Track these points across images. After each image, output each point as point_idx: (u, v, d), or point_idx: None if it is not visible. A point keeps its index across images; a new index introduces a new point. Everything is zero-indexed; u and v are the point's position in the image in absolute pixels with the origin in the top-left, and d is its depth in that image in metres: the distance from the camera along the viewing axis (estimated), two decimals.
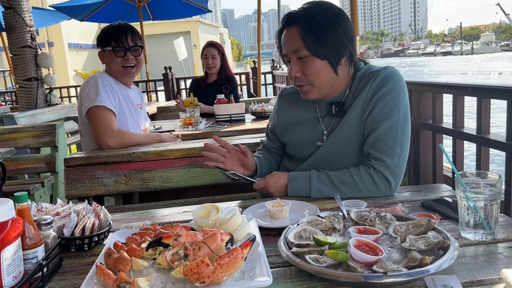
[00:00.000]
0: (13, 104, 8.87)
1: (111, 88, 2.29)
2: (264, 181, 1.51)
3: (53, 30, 20.35)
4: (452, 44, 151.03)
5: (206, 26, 35.93)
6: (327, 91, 1.52)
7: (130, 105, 2.39)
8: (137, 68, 2.38)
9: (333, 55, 1.45)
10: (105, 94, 2.22)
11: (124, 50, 2.31)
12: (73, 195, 1.99)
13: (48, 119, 4.54)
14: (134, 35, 2.34)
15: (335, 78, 1.50)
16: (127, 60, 2.32)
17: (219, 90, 3.90)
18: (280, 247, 0.98)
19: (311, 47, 1.43)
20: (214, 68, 3.99)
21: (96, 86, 2.23)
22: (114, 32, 2.31)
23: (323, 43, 1.43)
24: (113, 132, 2.19)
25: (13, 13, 4.80)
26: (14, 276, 0.89)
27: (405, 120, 1.46)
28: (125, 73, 2.35)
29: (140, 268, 0.91)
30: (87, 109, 2.20)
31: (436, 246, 0.92)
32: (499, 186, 1.04)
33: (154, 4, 8.06)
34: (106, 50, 2.33)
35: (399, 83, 1.47)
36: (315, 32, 1.42)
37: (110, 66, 2.36)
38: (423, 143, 2.34)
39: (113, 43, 2.30)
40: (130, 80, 2.46)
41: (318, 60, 1.45)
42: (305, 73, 1.47)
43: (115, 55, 2.31)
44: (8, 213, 0.88)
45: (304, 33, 1.42)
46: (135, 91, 2.55)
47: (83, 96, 2.26)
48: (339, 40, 1.45)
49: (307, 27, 1.42)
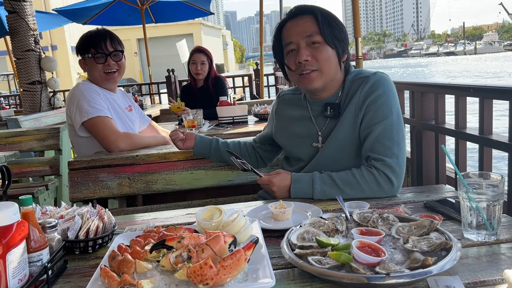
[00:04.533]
0: (17, 107, 8.90)
1: (97, 94, 2.27)
2: (268, 178, 1.53)
3: (57, 34, 20.44)
4: (455, 44, 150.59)
5: (209, 28, 36.02)
6: (328, 83, 1.56)
7: (118, 109, 2.38)
8: (119, 73, 2.36)
9: (340, 48, 1.53)
10: (95, 103, 2.20)
11: (105, 56, 2.29)
12: (77, 198, 1.99)
13: (52, 122, 4.55)
14: (113, 40, 2.31)
15: (337, 71, 1.56)
16: (108, 66, 2.30)
17: (207, 95, 3.92)
18: (283, 248, 0.98)
19: (327, 34, 1.50)
20: (201, 75, 3.98)
21: (83, 97, 2.21)
22: (92, 39, 2.29)
23: (335, 34, 1.52)
24: (120, 135, 2.19)
25: (16, 17, 4.82)
26: (20, 278, 0.90)
27: (399, 121, 1.50)
28: (108, 78, 2.33)
29: (144, 270, 0.91)
30: (81, 123, 2.19)
31: (438, 247, 0.93)
32: (501, 186, 1.04)
33: (156, 7, 8.09)
34: (87, 57, 2.31)
35: (389, 88, 1.51)
36: (330, 23, 1.52)
37: (92, 74, 2.33)
38: (425, 144, 2.33)
39: (92, 50, 2.28)
40: (114, 85, 2.44)
41: (330, 48, 1.51)
42: (316, 58, 1.51)
43: (96, 62, 2.29)
44: (13, 216, 0.89)
45: (320, 21, 1.50)
46: (120, 94, 2.53)
47: (72, 110, 2.23)
48: (344, 38, 1.54)
49: (323, 17, 1.51)
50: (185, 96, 4.10)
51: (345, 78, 1.59)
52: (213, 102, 3.74)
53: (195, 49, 4.07)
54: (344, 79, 1.59)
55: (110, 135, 2.17)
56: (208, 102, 3.81)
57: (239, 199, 2.06)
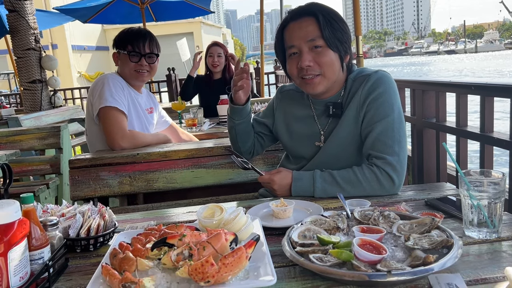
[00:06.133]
0: (18, 106, 8.91)
1: (122, 89, 2.29)
2: (269, 177, 1.53)
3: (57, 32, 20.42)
4: (455, 42, 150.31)
5: (209, 27, 35.97)
6: (330, 85, 1.55)
7: (139, 109, 2.39)
8: (149, 74, 2.38)
9: (342, 50, 1.52)
10: (117, 95, 2.22)
11: (139, 56, 2.31)
12: (78, 196, 2.00)
13: (53, 121, 4.56)
14: (152, 42, 2.34)
15: (339, 74, 1.55)
16: (140, 66, 2.32)
17: (223, 89, 3.90)
18: (284, 246, 0.98)
19: (328, 37, 1.48)
20: (219, 67, 4.00)
21: (108, 86, 2.23)
22: (132, 36, 2.31)
23: (337, 36, 1.50)
24: (125, 134, 2.20)
25: (17, 16, 4.82)
26: (21, 276, 0.90)
27: (400, 120, 1.49)
28: (137, 76, 2.35)
29: (145, 268, 0.91)
30: (99, 109, 2.20)
31: (440, 244, 0.93)
32: (502, 184, 1.04)
33: (157, 5, 8.08)
34: (122, 52, 2.33)
35: (390, 86, 1.51)
36: (332, 25, 1.49)
37: (123, 69, 2.35)
38: (426, 142, 2.33)
39: (129, 47, 2.30)
40: (141, 84, 2.45)
41: (332, 51, 1.50)
42: (319, 63, 1.50)
43: (130, 59, 2.31)
44: (14, 214, 0.89)
45: (322, 24, 1.48)
46: (145, 95, 2.53)
47: (94, 95, 2.25)
48: (347, 39, 1.53)
49: (324, 19, 1.48)
50: (201, 87, 4.09)
51: (347, 77, 1.59)
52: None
53: (212, 43, 4.12)
54: (346, 78, 1.59)
55: (117, 131, 2.18)
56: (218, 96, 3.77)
57: (240, 197, 2.06)
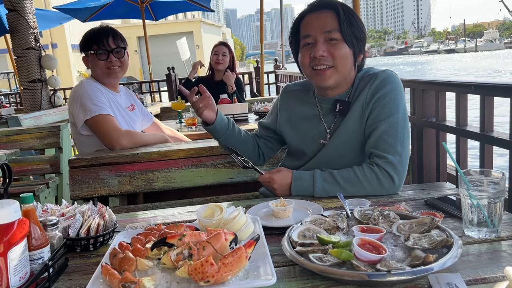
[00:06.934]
0: (18, 105, 8.90)
1: (101, 92, 2.27)
2: (269, 176, 1.53)
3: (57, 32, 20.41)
4: (455, 41, 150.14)
5: (209, 26, 35.94)
6: (341, 80, 1.55)
7: (120, 109, 2.38)
8: (121, 69, 2.35)
9: (358, 48, 1.52)
10: (98, 101, 2.20)
11: (107, 53, 2.29)
12: (78, 196, 2.00)
13: (53, 120, 4.55)
14: (115, 37, 2.32)
15: (351, 71, 1.56)
16: (110, 63, 2.30)
17: (223, 90, 3.90)
18: (284, 246, 0.98)
19: (346, 32, 1.49)
20: (222, 65, 3.99)
21: (87, 95, 2.21)
22: (95, 35, 2.30)
23: (355, 33, 1.51)
24: (122, 132, 2.19)
25: (17, 15, 4.81)
26: (21, 276, 0.90)
27: (404, 120, 1.49)
28: (110, 73, 2.32)
29: (145, 268, 0.91)
30: (85, 120, 2.19)
31: (439, 244, 0.93)
32: (502, 184, 1.04)
33: (156, 4, 8.08)
34: (89, 54, 2.31)
35: (397, 85, 1.51)
36: (351, 21, 1.51)
37: (95, 70, 2.33)
38: (426, 141, 2.33)
39: (95, 47, 2.28)
40: (116, 82, 2.43)
41: (347, 46, 1.50)
42: (333, 55, 1.50)
43: (98, 59, 2.29)
44: (14, 214, 0.89)
45: (342, 18, 1.49)
46: (123, 93, 2.52)
47: (75, 108, 2.23)
48: (363, 38, 1.54)
49: (344, 14, 1.50)
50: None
51: (355, 75, 1.59)
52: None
53: (219, 42, 4.14)
54: (355, 77, 1.59)
55: (112, 132, 2.17)
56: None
57: (240, 196, 2.06)
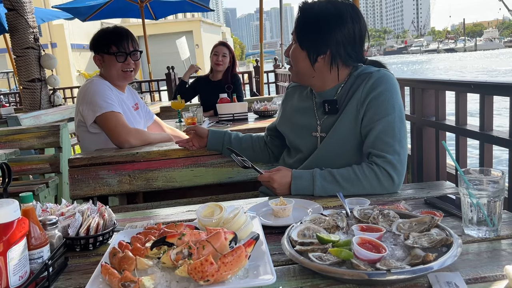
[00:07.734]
0: (17, 105, 8.90)
1: (111, 90, 2.29)
2: (269, 175, 1.53)
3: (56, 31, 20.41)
4: (455, 40, 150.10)
5: (208, 26, 35.93)
6: (308, 80, 1.62)
7: (125, 108, 2.39)
8: (135, 72, 2.39)
9: (312, 50, 1.54)
10: (108, 99, 2.22)
11: (125, 55, 2.31)
12: (78, 195, 2.00)
13: (52, 119, 4.55)
14: (133, 39, 2.35)
15: (312, 72, 1.58)
16: (127, 65, 2.32)
17: (223, 89, 3.90)
18: (284, 245, 0.98)
19: (297, 35, 1.56)
20: (222, 66, 3.99)
21: (98, 93, 2.22)
22: (114, 36, 2.31)
23: (307, 36, 1.54)
24: (131, 130, 2.21)
25: (16, 14, 4.81)
26: (20, 275, 0.90)
27: (401, 119, 1.49)
28: (125, 76, 2.35)
29: (144, 267, 0.91)
30: (95, 117, 2.20)
31: (439, 243, 0.93)
32: (502, 183, 1.04)
33: (156, 4, 8.08)
34: (105, 55, 2.31)
35: (391, 85, 1.50)
36: (303, 24, 1.55)
37: (109, 70, 2.33)
38: (426, 140, 2.33)
39: (114, 48, 2.29)
40: (126, 84, 2.47)
41: (299, 48, 1.56)
42: (290, 56, 1.61)
43: (116, 60, 2.30)
44: (13, 213, 0.89)
45: (299, 20, 1.55)
46: (128, 93, 2.53)
47: (85, 104, 2.24)
48: (322, 39, 1.51)
49: (301, 17, 1.55)
50: (200, 89, 4.10)
51: (351, 73, 1.59)
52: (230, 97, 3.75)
53: (219, 42, 4.12)
54: (350, 74, 1.59)
55: (121, 130, 2.19)
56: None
57: (240, 196, 2.06)
